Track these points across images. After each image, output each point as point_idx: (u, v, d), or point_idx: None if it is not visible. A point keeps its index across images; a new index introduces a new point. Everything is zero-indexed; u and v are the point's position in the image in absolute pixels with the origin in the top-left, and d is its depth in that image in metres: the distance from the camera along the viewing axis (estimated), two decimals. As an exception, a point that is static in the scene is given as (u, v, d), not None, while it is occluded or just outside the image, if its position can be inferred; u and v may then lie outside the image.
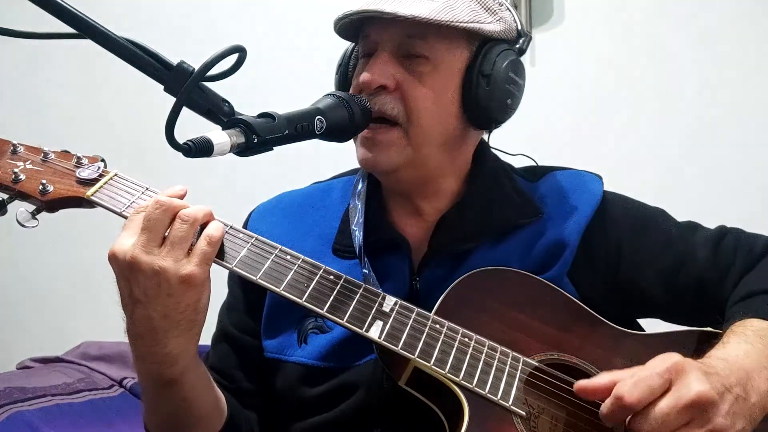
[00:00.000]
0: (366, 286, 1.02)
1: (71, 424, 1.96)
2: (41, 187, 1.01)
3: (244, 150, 0.93)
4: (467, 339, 1.02)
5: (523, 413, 0.98)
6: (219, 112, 0.94)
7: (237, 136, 0.91)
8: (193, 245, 0.93)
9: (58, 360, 2.44)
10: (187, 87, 0.89)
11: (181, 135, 0.86)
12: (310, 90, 1.17)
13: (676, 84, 2.05)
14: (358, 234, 1.15)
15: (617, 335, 1.11)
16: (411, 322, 1.01)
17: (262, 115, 0.96)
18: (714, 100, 2.00)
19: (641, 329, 1.19)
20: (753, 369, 0.94)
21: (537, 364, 1.04)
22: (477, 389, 0.98)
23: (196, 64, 0.91)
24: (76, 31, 0.90)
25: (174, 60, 0.93)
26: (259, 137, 0.93)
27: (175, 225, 0.92)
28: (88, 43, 0.92)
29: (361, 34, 1.16)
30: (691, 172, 2.02)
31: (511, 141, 1.25)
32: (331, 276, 1.01)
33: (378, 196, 1.21)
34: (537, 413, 1.03)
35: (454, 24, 1.08)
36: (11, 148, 1.06)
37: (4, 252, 3.02)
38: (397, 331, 0.99)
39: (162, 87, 0.93)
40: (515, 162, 1.30)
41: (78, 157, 1.06)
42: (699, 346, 1.09)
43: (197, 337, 0.97)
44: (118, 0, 2.65)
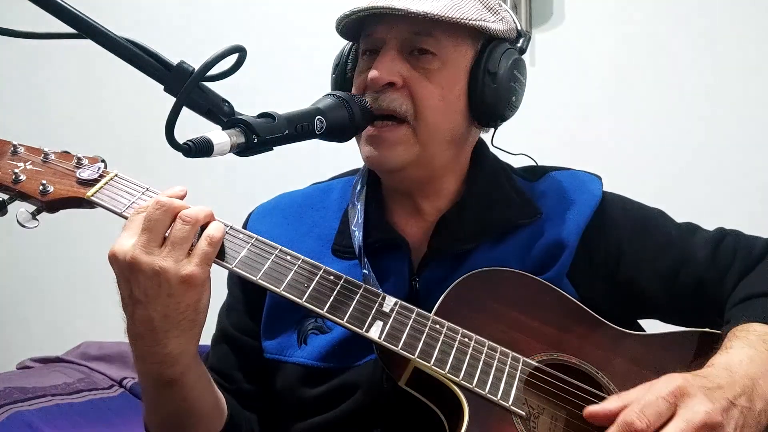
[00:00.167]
0: (366, 286, 1.02)
1: (71, 424, 1.96)
2: (41, 188, 1.01)
3: (244, 150, 0.93)
4: (467, 339, 1.02)
5: (523, 413, 0.98)
6: (219, 112, 0.94)
7: (237, 136, 0.91)
8: (194, 246, 0.93)
9: (58, 360, 2.44)
10: (187, 87, 0.89)
11: (181, 135, 0.86)
12: (310, 90, 1.17)
13: (675, 84, 2.05)
14: (357, 234, 1.15)
15: (617, 335, 1.11)
16: (411, 322, 1.01)
17: (262, 115, 0.96)
18: (714, 100, 2.00)
19: (641, 329, 1.19)
20: (758, 375, 0.94)
21: (537, 364, 1.03)
22: (477, 389, 0.98)
23: (196, 64, 0.91)
24: (76, 31, 0.90)
25: (174, 60, 0.93)
26: (259, 137, 0.93)
27: (176, 225, 0.92)
28: (88, 43, 0.92)
29: (364, 32, 1.16)
30: (691, 172, 2.01)
31: (511, 141, 1.25)
32: (331, 276, 1.01)
33: (377, 196, 1.21)
34: (537, 413, 1.03)
35: (463, 21, 1.08)
36: (11, 148, 1.06)
37: (4, 252, 3.03)
38: (397, 332, 0.99)
39: (162, 87, 0.93)
40: (516, 162, 1.30)
41: (78, 158, 1.06)
42: (698, 346, 1.09)
43: (198, 337, 0.97)
44: (118, 0, 2.65)
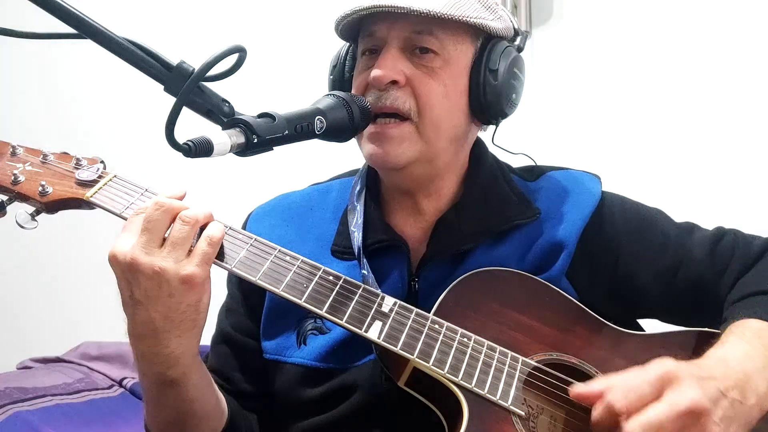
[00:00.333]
0: (365, 286, 1.02)
1: (71, 424, 1.96)
2: (41, 189, 1.01)
3: (244, 150, 0.93)
4: (466, 339, 1.02)
5: (522, 413, 0.98)
6: (219, 112, 0.94)
7: (237, 136, 0.91)
8: (193, 246, 0.93)
9: (58, 360, 2.44)
10: (187, 87, 0.89)
11: (181, 135, 0.86)
12: (310, 90, 1.17)
13: (675, 83, 2.05)
14: (357, 235, 1.15)
15: (616, 335, 1.11)
16: (410, 322, 1.01)
17: (262, 115, 0.96)
18: (714, 99, 2.00)
19: (641, 329, 1.20)
20: (752, 370, 0.94)
21: (536, 364, 1.04)
22: (476, 389, 0.98)
23: (196, 64, 0.91)
24: (76, 31, 0.90)
25: (174, 60, 0.93)
26: (259, 137, 0.93)
27: (176, 226, 0.92)
28: (88, 43, 0.92)
29: (363, 32, 1.16)
30: (691, 172, 2.01)
31: (511, 140, 1.25)
32: (331, 276, 1.01)
33: (377, 197, 1.21)
34: (536, 413, 1.03)
35: (464, 19, 1.08)
36: (11, 149, 1.06)
37: (4, 252, 3.03)
38: (397, 332, 0.99)
39: (162, 87, 0.93)
40: (515, 161, 1.30)
41: (77, 159, 1.06)
42: (698, 346, 1.09)
43: (198, 337, 0.97)
44: (118, 0, 2.65)
